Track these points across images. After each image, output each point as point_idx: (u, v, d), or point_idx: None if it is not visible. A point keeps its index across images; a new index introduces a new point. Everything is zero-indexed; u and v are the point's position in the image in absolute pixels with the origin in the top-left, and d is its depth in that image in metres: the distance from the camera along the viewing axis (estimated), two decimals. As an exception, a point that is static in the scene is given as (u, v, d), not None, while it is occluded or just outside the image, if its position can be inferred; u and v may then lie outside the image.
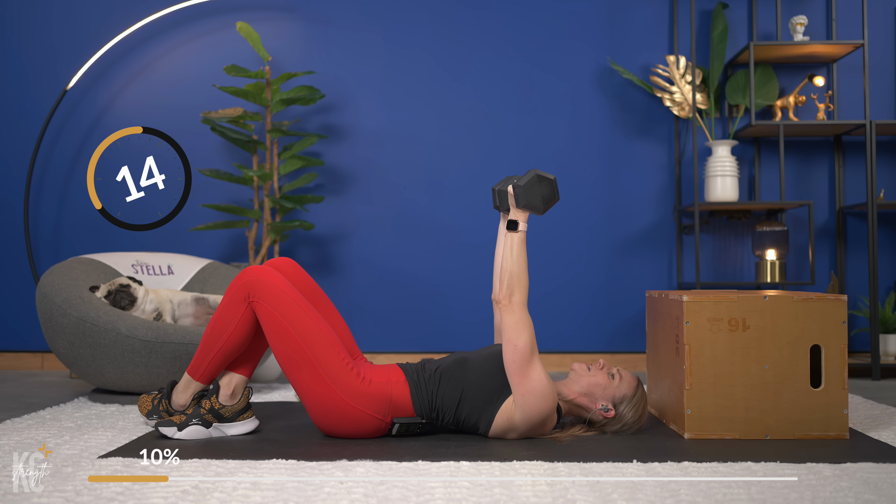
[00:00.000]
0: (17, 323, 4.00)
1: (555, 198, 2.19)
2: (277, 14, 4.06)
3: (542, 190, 2.17)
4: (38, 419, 2.52)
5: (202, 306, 3.11)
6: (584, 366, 2.31)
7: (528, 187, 2.16)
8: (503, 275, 2.18)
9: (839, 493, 1.69)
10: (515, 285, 2.17)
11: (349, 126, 4.03)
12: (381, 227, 4.02)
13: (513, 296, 2.16)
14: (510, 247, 2.19)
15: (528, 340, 2.15)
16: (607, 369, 2.29)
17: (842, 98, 4.01)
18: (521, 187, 2.16)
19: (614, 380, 2.27)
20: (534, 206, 2.18)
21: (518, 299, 2.16)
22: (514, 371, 2.15)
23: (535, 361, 2.16)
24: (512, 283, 2.16)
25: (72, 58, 3.99)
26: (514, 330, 2.15)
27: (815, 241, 3.94)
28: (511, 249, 2.18)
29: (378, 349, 3.95)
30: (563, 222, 4.00)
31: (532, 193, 2.16)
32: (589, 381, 2.27)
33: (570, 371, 2.32)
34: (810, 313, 2.26)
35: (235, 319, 2.24)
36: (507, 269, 2.17)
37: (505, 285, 2.17)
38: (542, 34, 4.03)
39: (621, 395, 2.27)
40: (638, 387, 2.30)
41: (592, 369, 2.29)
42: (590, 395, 2.27)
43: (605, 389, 2.27)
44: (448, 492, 1.69)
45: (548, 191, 2.18)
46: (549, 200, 2.19)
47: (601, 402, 2.27)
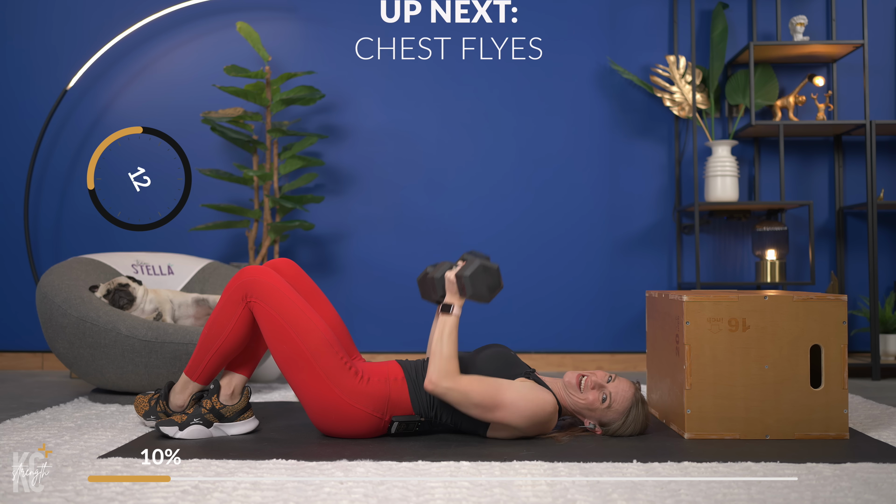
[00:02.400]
0: (17, 323, 4.00)
1: (499, 286, 2.19)
2: (277, 14, 4.06)
3: (486, 279, 2.16)
4: (38, 419, 2.52)
5: (202, 307, 3.11)
6: (575, 380, 2.22)
7: (473, 278, 2.15)
8: (433, 357, 2.15)
9: (839, 493, 1.69)
10: (445, 367, 2.13)
11: (349, 126, 4.03)
12: (381, 227, 4.02)
13: (445, 378, 2.12)
14: (441, 330, 2.17)
15: (479, 393, 2.12)
16: (599, 391, 2.20)
17: (842, 98, 4.01)
18: (467, 278, 2.15)
19: (604, 404, 2.19)
20: (479, 296, 2.17)
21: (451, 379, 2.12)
22: (493, 417, 2.15)
23: (503, 395, 2.13)
24: (442, 365, 2.13)
25: (72, 58, 3.99)
26: (463, 401, 2.13)
27: (815, 241, 3.94)
28: (442, 333, 2.16)
29: (378, 349, 3.95)
30: (563, 222, 4.00)
31: (479, 283, 2.15)
32: (576, 401, 2.21)
33: (563, 379, 2.25)
34: (810, 313, 2.26)
35: (233, 320, 2.24)
36: (437, 351, 2.15)
37: (436, 367, 2.13)
38: (542, 34, 4.02)
39: (608, 420, 2.23)
40: (630, 409, 2.22)
41: (584, 387, 2.20)
42: (579, 413, 2.24)
43: (593, 412, 2.22)
44: (448, 492, 1.69)
45: (493, 280, 2.17)
46: (494, 289, 2.18)
47: (589, 421, 2.24)
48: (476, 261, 2.18)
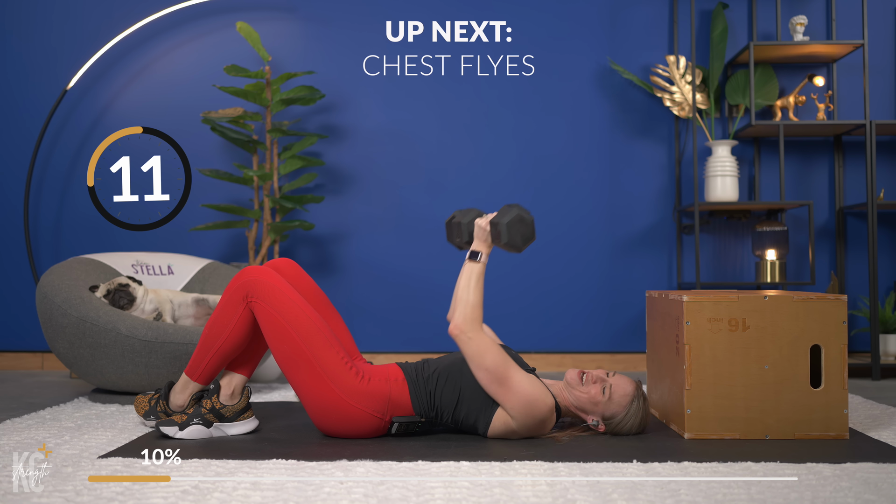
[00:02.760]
0: (17, 323, 4.00)
1: (532, 238, 2.20)
2: (277, 14, 4.06)
3: (522, 229, 2.17)
4: (38, 419, 2.52)
5: (202, 307, 3.11)
6: (577, 375, 2.24)
7: (510, 226, 2.16)
8: (458, 303, 2.17)
9: (839, 493, 1.69)
10: (470, 315, 2.15)
11: (349, 126, 4.03)
12: (381, 227, 4.02)
13: (467, 325, 2.14)
14: (468, 276, 2.18)
15: (494, 359, 2.13)
16: (600, 384, 2.22)
17: (842, 98, 4.01)
18: (503, 224, 2.16)
19: (604, 396, 2.21)
20: (513, 245, 2.18)
21: (473, 328, 2.15)
22: (496, 390, 2.15)
23: (512, 373, 2.14)
24: (466, 312, 2.15)
25: (72, 58, 3.99)
26: (477, 356, 2.14)
27: (815, 241, 3.94)
28: (469, 279, 2.18)
29: (378, 349, 3.95)
30: (563, 222, 4.00)
31: (514, 233, 2.16)
32: (578, 396, 2.22)
33: (565, 378, 2.27)
34: (810, 313, 2.26)
35: (234, 320, 2.24)
36: (463, 298, 2.16)
37: (459, 313, 2.15)
38: (542, 34, 4.03)
39: (611, 413, 2.23)
40: (632, 402, 2.23)
41: (585, 381, 2.22)
42: (581, 409, 2.24)
43: (595, 406, 2.22)
44: (448, 492, 1.69)
45: (528, 231, 2.18)
46: (527, 240, 2.19)
47: (591, 417, 2.25)
48: (514, 210, 2.18)
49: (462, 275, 2.22)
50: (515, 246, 2.18)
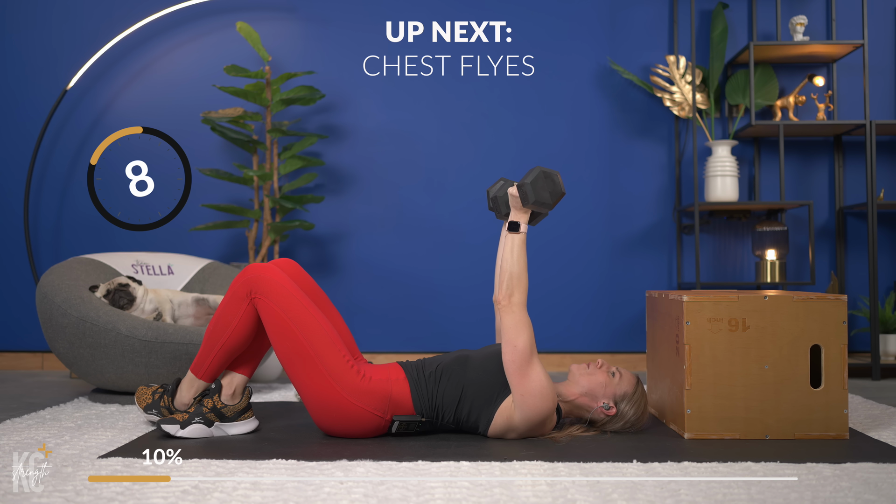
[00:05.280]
0: (17, 323, 4.00)
1: (561, 192, 2.19)
2: (277, 14, 4.06)
3: (548, 185, 2.16)
4: (38, 419, 2.52)
5: (202, 307, 3.11)
6: (582, 366, 2.31)
7: (535, 184, 2.15)
8: (503, 275, 2.19)
9: (839, 493, 1.69)
10: (515, 286, 2.17)
11: (349, 126, 4.03)
12: (381, 227, 4.02)
13: (512, 296, 2.17)
14: (510, 248, 2.19)
15: (527, 341, 2.15)
16: (606, 368, 2.30)
17: (842, 98, 4.01)
18: (528, 184, 2.16)
19: (614, 377, 2.28)
20: (543, 203, 2.16)
21: (517, 300, 2.17)
22: (514, 371, 2.15)
23: (535, 362, 2.16)
24: (511, 283, 2.17)
25: (72, 58, 3.99)
26: (513, 330, 2.15)
27: (815, 241, 3.94)
28: (511, 251, 2.19)
29: (378, 349, 3.95)
30: (563, 222, 4.00)
31: (540, 189, 2.16)
32: (589, 381, 2.27)
33: (569, 373, 2.32)
34: (810, 313, 2.26)
35: (238, 316, 2.24)
36: (507, 269, 2.18)
37: (504, 286, 2.18)
38: (542, 34, 4.03)
39: (622, 392, 2.27)
40: (638, 384, 2.30)
41: (591, 368, 2.29)
42: (591, 395, 2.27)
43: (605, 387, 2.27)
44: (448, 492, 1.69)
45: (555, 186, 2.17)
46: (556, 195, 2.18)
47: (602, 400, 2.27)
48: (536, 169, 2.17)
49: (504, 248, 2.22)
50: (545, 203, 2.16)
